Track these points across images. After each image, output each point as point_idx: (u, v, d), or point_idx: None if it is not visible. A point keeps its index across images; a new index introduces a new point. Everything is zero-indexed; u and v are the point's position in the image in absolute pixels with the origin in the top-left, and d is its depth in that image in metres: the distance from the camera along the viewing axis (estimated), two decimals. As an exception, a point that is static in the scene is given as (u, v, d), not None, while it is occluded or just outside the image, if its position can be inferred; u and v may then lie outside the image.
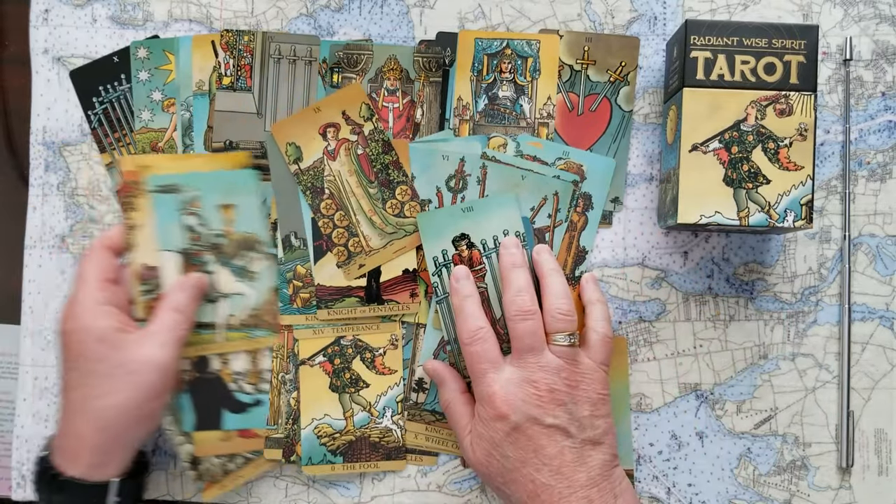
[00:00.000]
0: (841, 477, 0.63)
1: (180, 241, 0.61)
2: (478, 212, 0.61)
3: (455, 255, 0.61)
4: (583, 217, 0.63)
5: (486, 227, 0.61)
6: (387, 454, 0.63)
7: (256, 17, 0.65)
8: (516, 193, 0.62)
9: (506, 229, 0.60)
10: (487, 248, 0.61)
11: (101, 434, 0.54)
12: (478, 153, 0.63)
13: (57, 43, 0.65)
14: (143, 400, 0.55)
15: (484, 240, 0.61)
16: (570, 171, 0.62)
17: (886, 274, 0.64)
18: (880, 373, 0.63)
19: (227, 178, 0.62)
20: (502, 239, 0.60)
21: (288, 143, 0.63)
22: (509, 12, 0.64)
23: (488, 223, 0.61)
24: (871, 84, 0.64)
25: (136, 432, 0.56)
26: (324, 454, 0.63)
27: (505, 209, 0.61)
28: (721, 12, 0.64)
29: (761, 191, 0.57)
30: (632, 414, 0.63)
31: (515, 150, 0.63)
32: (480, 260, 0.60)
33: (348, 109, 0.63)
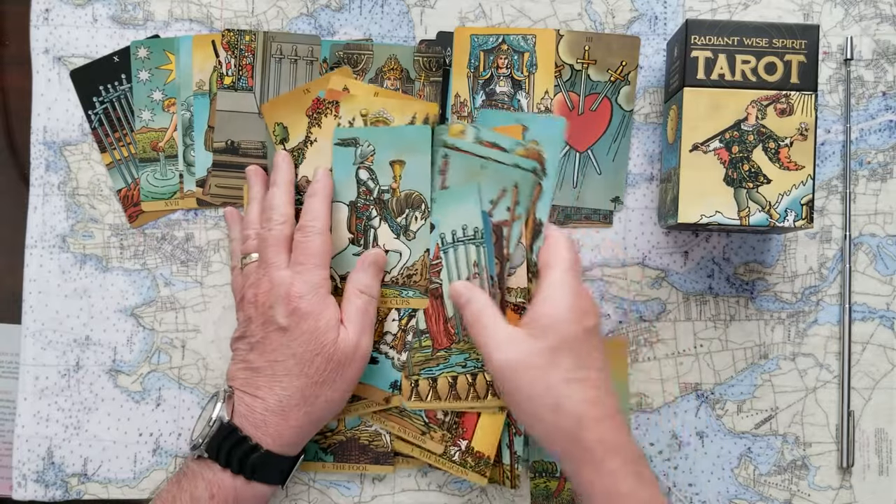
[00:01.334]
0: (841, 477, 0.63)
1: (352, 194, 0.61)
2: (440, 204, 0.60)
3: None
4: (538, 186, 0.60)
5: (446, 221, 0.59)
6: (375, 458, 0.63)
7: (257, 17, 0.65)
8: (478, 184, 0.59)
9: (465, 224, 0.59)
10: (446, 242, 0.59)
11: (309, 423, 0.56)
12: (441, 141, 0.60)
13: (57, 43, 0.65)
14: (348, 392, 0.58)
15: (443, 234, 0.59)
16: (530, 158, 0.59)
17: (887, 274, 0.64)
18: (881, 372, 0.63)
19: (402, 134, 0.61)
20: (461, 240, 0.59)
21: (276, 123, 0.63)
22: (510, 12, 0.64)
23: (449, 216, 0.59)
24: (872, 84, 0.64)
25: (329, 419, 0.59)
26: (316, 451, 0.63)
27: (465, 202, 0.59)
28: (721, 12, 0.64)
29: (762, 190, 0.57)
30: (632, 414, 0.63)
31: (475, 137, 0.60)
32: (437, 255, 0.60)
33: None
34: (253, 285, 0.57)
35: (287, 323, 0.55)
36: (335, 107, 0.62)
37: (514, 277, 0.59)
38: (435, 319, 0.61)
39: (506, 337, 0.53)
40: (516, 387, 0.52)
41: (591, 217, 0.64)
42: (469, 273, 0.59)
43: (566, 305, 0.53)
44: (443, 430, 0.61)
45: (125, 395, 0.64)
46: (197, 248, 0.64)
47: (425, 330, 0.61)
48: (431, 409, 0.61)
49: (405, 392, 0.61)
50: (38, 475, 0.63)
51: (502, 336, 0.54)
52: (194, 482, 0.55)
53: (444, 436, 0.61)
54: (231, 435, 0.55)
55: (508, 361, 0.53)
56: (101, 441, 0.64)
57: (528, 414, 0.53)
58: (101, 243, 0.64)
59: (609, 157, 0.64)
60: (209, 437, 0.55)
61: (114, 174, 0.65)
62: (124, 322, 0.64)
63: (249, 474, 0.55)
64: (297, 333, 0.55)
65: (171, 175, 0.64)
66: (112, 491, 0.64)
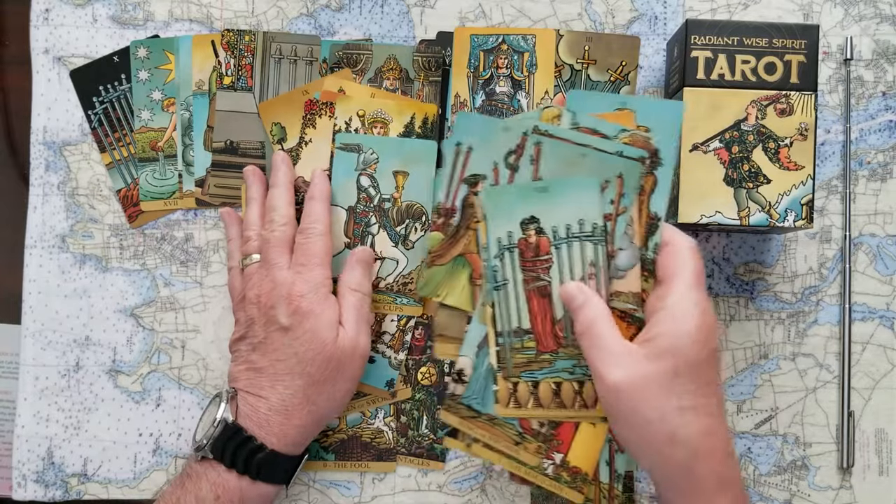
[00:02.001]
0: (841, 477, 0.63)
1: (351, 199, 0.61)
2: (553, 194, 0.54)
3: (521, 239, 0.55)
4: (650, 176, 0.54)
5: (559, 213, 0.54)
6: (378, 455, 0.63)
7: (257, 17, 0.65)
8: (599, 178, 0.53)
9: (582, 218, 0.53)
10: (558, 236, 0.54)
11: (312, 422, 0.57)
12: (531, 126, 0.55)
13: (57, 43, 0.65)
14: (350, 390, 0.58)
15: (556, 227, 0.54)
16: (636, 146, 0.53)
17: (887, 274, 0.64)
18: (881, 373, 0.63)
19: (407, 146, 0.61)
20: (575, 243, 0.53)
21: (273, 123, 0.63)
22: (510, 12, 0.64)
23: (563, 209, 0.54)
24: (872, 84, 0.64)
25: (333, 416, 0.60)
26: (317, 450, 0.63)
27: (584, 195, 0.53)
28: (721, 12, 0.64)
29: (762, 190, 0.57)
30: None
31: (571, 122, 0.54)
32: (548, 249, 0.54)
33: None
34: (255, 286, 0.57)
35: (289, 322, 0.55)
36: (330, 108, 0.62)
37: (623, 281, 0.54)
38: (541, 319, 0.55)
39: (622, 353, 0.49)
40: (631, 410, 0.48)
41: (591, 217, 0.64)
42: (584, 273, 0.54)
43: (692, 325, 0.49)
44: (538, 441, 0.56)
45: (125, 396, 0.64)
46: (196, 249, 0.64)
47: (529, 330, 0.55)
48: (529, 416, 0.56)
49: (502, 397, 0.56)
50: (38, 475, 0.63)
51: (618, 352, 0.49)
52: (198, 483, 0.55)
53: (540, 448, 0.56)
54: (236, 435, 0.55)
55: (624, 382, 0.48)
56: (101, 441, 0.64)
57: (639, 439, 0.49)
58: (101, 243, 0.64)
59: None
60: (214, 437, 0.55)
61: (113, 174, 0.65)
62: (124, 322, 0.64)
63: (255, 474, 0.55)
64: (298, 333, 0.55)
65: (171, 175, 0.64)
66: (112, 491, 0.64)
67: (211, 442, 0.55)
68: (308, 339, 0.55)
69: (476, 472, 0.63)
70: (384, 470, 0.63)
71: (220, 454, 0.55)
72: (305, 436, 0.57)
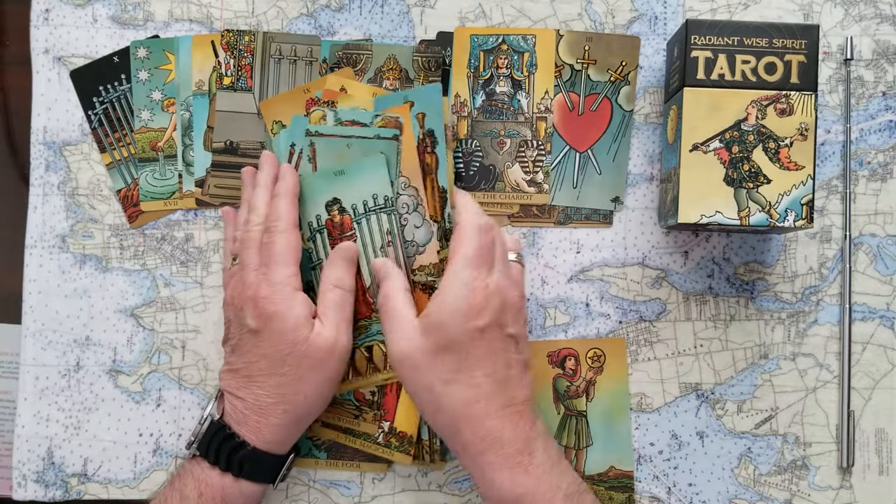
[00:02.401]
0: (841, 477, 0.63)
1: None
2: (349, 175, 0.59)
3: (328, 220, 0.59)
4: (433, 155, 0.59)
5: (357, 191, 0.59)
6: (370, 456, 0.63)
7: (257, 17, 0.65)
8: (384, 155, 0.59)
9: (375, 193, 0.58)
10: (358, 213, 0.59)
11: (290, 422, 0.56)
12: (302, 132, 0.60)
13: (57, 43, 0.65)
14: (328, 388, 0.57)
15: (355, 204, 0.59)
16: (389, 126, 0.59)
17: (887, 274, 0.64)
18: (881, 372, 0.63)
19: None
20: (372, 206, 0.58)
21: (274, 122, 0.63)
22: (510, 12, 0.64)
23: (359, 187, 0.59)
24: (872, 84, 0.64)
25: (314, 415, 0.59)
26: (310, 448, 0.63)
27: (374, 172, 0.59)
28: (721, 12, 0.64)
29: (762, 190, 0.57)
30: (632, 413, 0.63)
31: (335, 120, 0.60)
32: (351, 226, 0.59)
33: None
34: (231, 287, 0.58)
35: (256, 325, 0.55)
36: (332, 106, 0.62)
37: (423, 255, 0.59)
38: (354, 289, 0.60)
39: (406, 327, 0.54)
40: (406, 379, 0.54)
41: (591, 217, 0.64)
42: (383, 242, 0.59)
43: (456, 303, 0.53)
44: (373, 410, 0.61)
45: (125, 396, 0.64)
46: (197, 249, 0.64)
47: None
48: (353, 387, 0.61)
49: None
50: (38, 475, 0.63)
51: (404, 325, 0.54)
52: (184, 481, 0.56)
53: (376, 415, 0.61)
54: (219, 432, 0.55)
55: (402, 353, 0.54)
56: (101, 441, 0.64)
57: (418, 405, 0.56)
58: (101, 243, 0.64)
59: (609, 157, 0.64)
60: (200, 435, 0.56)
61: (113, 174, 0.65)
62: (124, 322, 0.64)
63: (237, 472, 0.55)
64: (265, 335, 0.55)
65: (171, 175, 0.64)
66: (112, 491, 0.64)
67: (198, 439, 0.56)
68: (276, 340, 0.55)
69: (476, 472, 0.63)
70: (376, 470, 0.63)
71: (205, 451, 0.56)
72: (286, 435, 0.57)
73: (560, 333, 0.64)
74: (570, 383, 0.63)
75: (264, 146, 0.64)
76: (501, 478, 0.52)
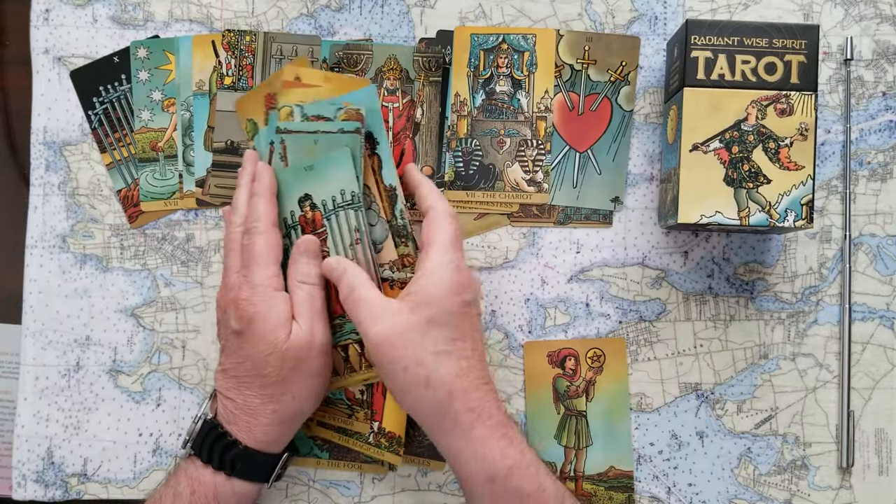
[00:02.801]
0: (841, 477, 0.63)
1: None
2: (317, 170, 0.58)
3: (301, 216, 0.58)
4: (375, 157, 0.59)
5: (326, 187, 0.58)
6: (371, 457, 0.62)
7: (257, 18, 0.65)
8: (350, 148, 0.58)
9: (342, 188, 0.57)
10: (328, 209, 0.58)
11: (280, 422, 0.56)
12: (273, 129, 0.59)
13: (57, 43, 0.65)
14: (316, 385, 0.57)
15: (324, 200, 0.58)
16: (351, 119, 0.58)
17: (887, 274, 0.64)
18: (881, 372, 0.63)
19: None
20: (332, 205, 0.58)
21: (247, 120, 0.62)
22: (510, 12, 0.64)
23: (328, 183, 0.58)
24: (872, 84, 0.64)
25: (306, 414, 0.58)
26: (311, 447, 0.63)
27: (340, 166, 0.58)
28: (721, 12, 0.64)
29: (762, 190, 0.57)
30: (632, 413, 0.63)
31: (301, 115, 0.59)
32: (322, 222, 0.58)
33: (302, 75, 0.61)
34: (219, 289, 0.58)
35: (238, 327, 0.55)
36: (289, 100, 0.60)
37: (382, 252, 0.59)
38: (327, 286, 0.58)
39: (382, 309, 0.53)
40: (391, 359, 0.53)
41: (591, 217, 0.64)
42: (352, 239, 0.58)
43: (446, 279, 0.54)
44: (364, 408, 0.61)
45: (125, 396, 0.64)
46: (197, 249, 0.64)
47: None
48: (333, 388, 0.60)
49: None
50: (38, 475, 0.64)
51: (379, 308, 0.53)
52: (178, 479, 0.56)
53: (367, 413, 0.61)
54: (212, 431, 0.56)
55: (384, 333, 0.53)
56: (101, 441, 0.64)
57: (402, 387, 0.53)
58: (102, 243, 0.64)
59: (609, 157, 0.64)
60: (194, 433, 0.56)
61: (113, 174, 0.65)
62: (124, 322, 0.64)
63: (229, 470, 0.55)
64: (248, 336, 0.55)
65: (171, 175, 0.64)
66: (112, 491, 0.64)
67: (192, 438, 0.56)
68: (258, 341, 0.55)
69: (476, 471, 0.63)
70: (377, 471, 0.63)
71: (198, 449, 0.56)
72: (277, 434, 0.57)
73: (560, 333, 0.64)
74: (570, 383, 0.63)
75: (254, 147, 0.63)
76: (492, 450, 0.52)
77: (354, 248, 0.58)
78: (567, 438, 0.63)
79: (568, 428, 0.63)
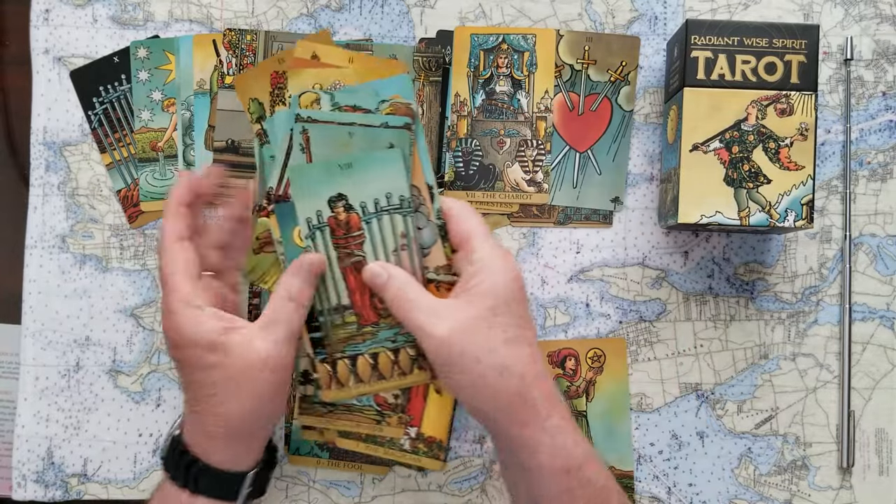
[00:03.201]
0: (841, 477, 0.63)
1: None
2: (357, 169, 0.53)
3: (331, 217, 0.54)
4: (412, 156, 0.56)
5: (367, 188, 0.53)
6: (371, 458, 0.62)
7: (257, 18, 0.65)
8: (402, 149, 0.53)
9: (388, 191, 0.53)
10: (367, 212, 0.54)
11: (230, 437, 0.53)
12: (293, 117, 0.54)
13: (57, 43, 0.65)
14: (265, 402, 0.53)
15: (364, 202, 0.54)
16: (399, 114, 0.53)
17: (887, 274, 0.64)
18: (881, 373, 0.63)
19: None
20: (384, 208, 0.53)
21: (251, 100, 0.60)
22: (510, 12, 0.64)
23: (370, 183, 0.53)
24: (872, 84, 0.64)
25: (264, 430, 0.55)
26: (311, 446, 0.62)
27: (388, 167, 0.53)
28: (722, 12, 0.64)
29: (762, 190, 0.57)
30: (632, 413, 0.63)
31: (331, 104, 0.53)
32: (359, 225, 0.54)
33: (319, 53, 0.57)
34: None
35: (173, 355, 0.54)
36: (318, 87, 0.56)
37: (430, 257, 0.55)
38: (360, 293, 0.55)
39: (441, 307, 0.52)
40: (461, 353, 0.50)
41: (591, 217, 0.64)
42: (397, 245, 0.54)
43: (503, 269, 0.52)
44: (397, 413, 0.59)
45: (125, 396, 0.64)
46: (197, 249, 0.64)
47: (349, 305, 0.55)
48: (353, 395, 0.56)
49: (324, 382, 0.55)
50: (38, 475, 0.63)
51: (437, 307, 0.52)
52: (153, 494, 0.55)
53: (401, 418, 0.59)
54: (178, 447, 0.54)
55: (450, 328, 0.51)
56: (101, 441, 0.64)
57: (473, 381, 0.51)
58: (101, 244, 0.64)
59: (609, 157, 0.64)
60: (165, 449, 0.55)
61: (113, 174, 0.65)
62: (124, 322, 0.64)
63: (193, 487, 0.53)
64: (183, 362, 0.53)
65: (171, 175, 0.64)
66: (112, 491, 0.64)
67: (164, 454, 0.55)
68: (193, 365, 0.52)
69: (476, 471, 0.63)
70: (379, 472, 0.63)
71: (166, 465, 0.54)
72: (232, 453, 0.54)
73: (560, 333, 0.64)
74: (570, 383, 0.63)
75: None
76: (568, 440, 0.51)
77: (398, 254, 0.54)
78: (567, 438, 0.63)
79: None
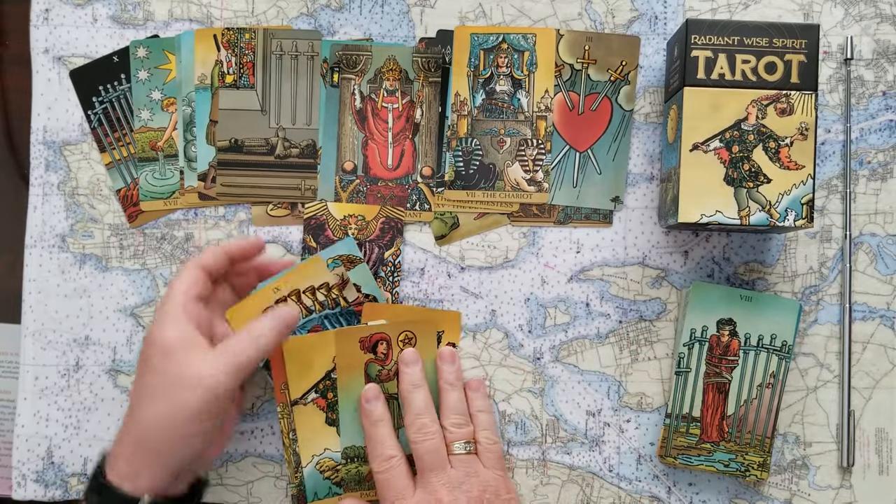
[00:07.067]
0: (842, 476, 0.63)
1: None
2: (756, 304, 0.61)
3: (714, 335, 0.61)
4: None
5: (756, 323, 0.60)
6: None
7: (257, 17, 0.65)
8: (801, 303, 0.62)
9: (775, 333, 0.60)
10: (749, 343, 0.60)
11: (136, 446, 0.52)
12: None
13: (57, 42, 0.65)
14: (184, 419, 0.51)
15: (748, 333, 0.60)
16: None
17: (887, 273, 0.64)
18: (881, 372, 0.63)
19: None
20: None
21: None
22: (510, 11, 0.64)
23: (761, 320, 0.61)
24: (872, 83, 0.64)
25: (174, 451, 0.52)
26: (329, 487, 0.61)
27: (783, 314, 0.61)
28: (722, 12, 0.64)
29: (762, 190, 0.57)
30: (633, 413, 0.63)
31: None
32: (737, 352, 0.60)
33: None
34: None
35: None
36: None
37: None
38: (712, 412, 0.61)
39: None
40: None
41: (591, 217, 0.64)
42: (763, 381, 0.60)
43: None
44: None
45: (125, 395, 0.64)
46: (197, 248, 0.64)
47: (698, 418, 0.61)
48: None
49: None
50: (37, 475, 0.63)
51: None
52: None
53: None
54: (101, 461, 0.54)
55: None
56: (101, 441, 0.64)
57: None
58: (101, 243, 0.64)
59: (609, 156, 0.64)
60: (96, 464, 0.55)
61: (113, 174, 0.65)
62: (124, 322, 0.64)
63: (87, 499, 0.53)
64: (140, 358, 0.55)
65: (171, 175, 0.64)
66: (112, 491, 0.64)
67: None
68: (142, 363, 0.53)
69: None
70: None
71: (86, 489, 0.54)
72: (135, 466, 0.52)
73: (560, 333, 0.64)
74: (381, 367, 0.62)
75: (268, 143, 0.63)
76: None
77: (762, 390, 0.60)
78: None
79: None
